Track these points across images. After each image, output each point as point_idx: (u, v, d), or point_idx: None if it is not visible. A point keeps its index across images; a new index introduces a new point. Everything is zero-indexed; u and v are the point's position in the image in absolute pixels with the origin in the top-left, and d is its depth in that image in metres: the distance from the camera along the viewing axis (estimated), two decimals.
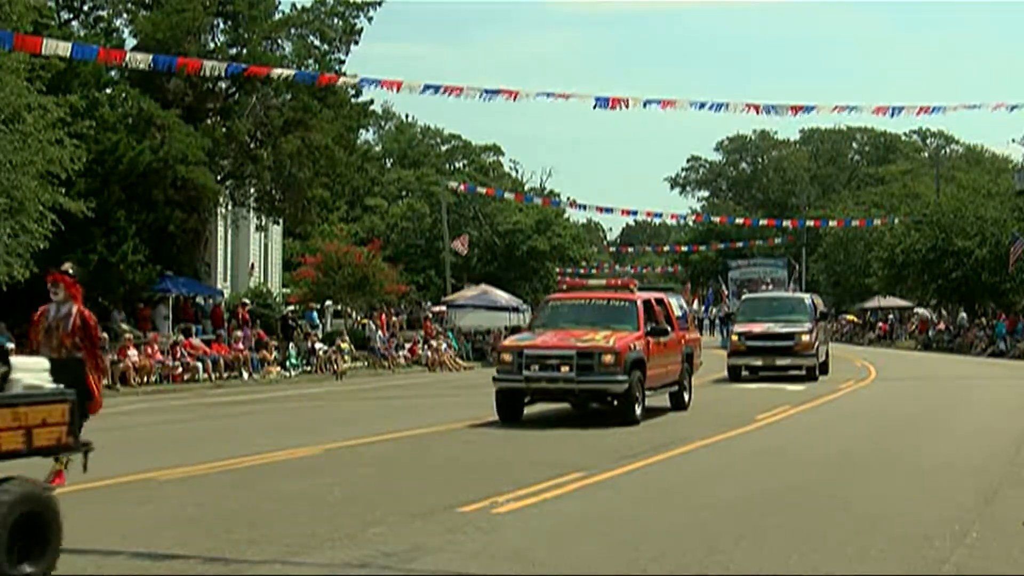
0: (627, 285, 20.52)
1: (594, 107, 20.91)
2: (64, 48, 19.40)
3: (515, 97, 20.36)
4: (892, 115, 20.91)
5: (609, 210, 58.44)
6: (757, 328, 29.16)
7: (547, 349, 17.53)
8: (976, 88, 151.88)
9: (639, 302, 18.98)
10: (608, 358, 17.14)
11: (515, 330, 20.53)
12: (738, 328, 30.03)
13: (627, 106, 21.14)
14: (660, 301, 20.14)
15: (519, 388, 17.66)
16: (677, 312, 20.97)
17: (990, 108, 21.68)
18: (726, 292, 64.31)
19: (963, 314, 55.13)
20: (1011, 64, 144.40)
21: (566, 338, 17.75)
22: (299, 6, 39.13)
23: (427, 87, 20.89)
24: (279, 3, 39.17)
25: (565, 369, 17.25)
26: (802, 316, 29.93)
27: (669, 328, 19.20)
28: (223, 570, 7.94)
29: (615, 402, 17.49)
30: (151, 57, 20.75)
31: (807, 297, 33.29)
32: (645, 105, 21.23)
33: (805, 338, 28.58)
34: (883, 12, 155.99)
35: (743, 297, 40.95)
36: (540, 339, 17.99)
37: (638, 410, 17.53)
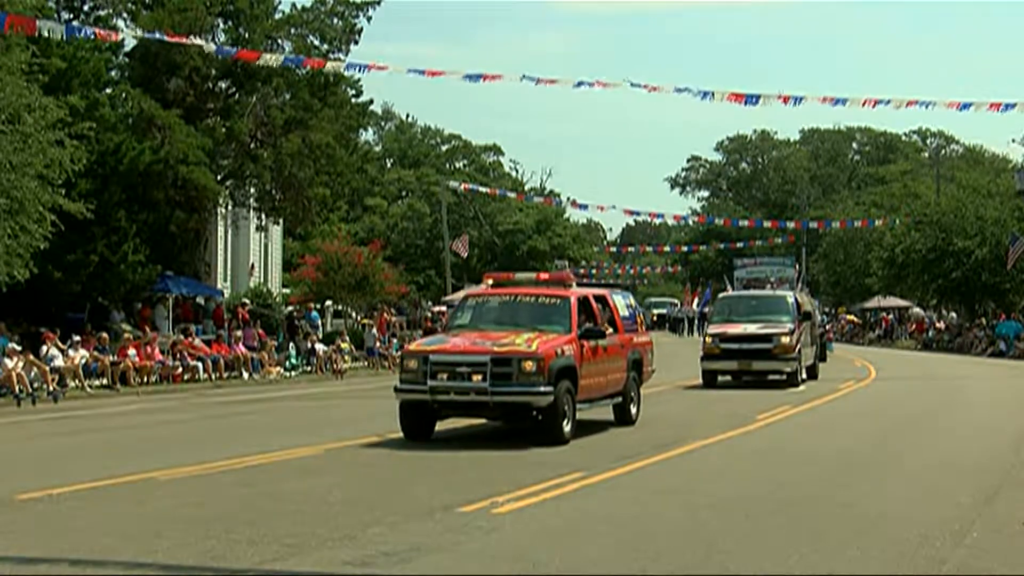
0: (562, 279, 17.71)
1: (577, 85, 21.14)
2: (59, 30, 19.69)
3: (497, 80, 20.62)
4: (878, 105, 20.94)
5: (613, 207, 58.27)
6: (732, 329, 26.88)
7: (457, 355, 15.00)
8: (977, 88, 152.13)
9: (572, 299, 16.36)
10: (529, 365, 14.63)
11: (429, 332, 17.92)
12: (712, 329, 27.59)
13: (604, 85, 21.38)
14: (600, 298, 17.46)
15: (423, 400, 15.14)
16: (623, 312, 18.06)
17: (984, 107, 21.69)
18: (730, 291, 63.77)
19: (952, 314, 55.14)
20: (1012, 64, 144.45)
21: (481, 341, 15.21)
22: (299, 6, 39.25)
23: (410, 71, 21.67)
24: (279, 3, 39.27)
25: (477, 378, 14.70)
26: (783, 316, 27.43)
27: (611, 329, 16.93)
28: (223, 570, 7.94)
29: (540, 417, 14.97)
30: (144, 33, 21.15)
31: (790, 295, 29.63)
32: (631, 85, 21.45)
33: (785, 340, 26.24)
34: (883, 12, 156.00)
35: (719, 295, 39.36)
36: (451, 343, 15.47)
37: (567, 427, 15.04)
